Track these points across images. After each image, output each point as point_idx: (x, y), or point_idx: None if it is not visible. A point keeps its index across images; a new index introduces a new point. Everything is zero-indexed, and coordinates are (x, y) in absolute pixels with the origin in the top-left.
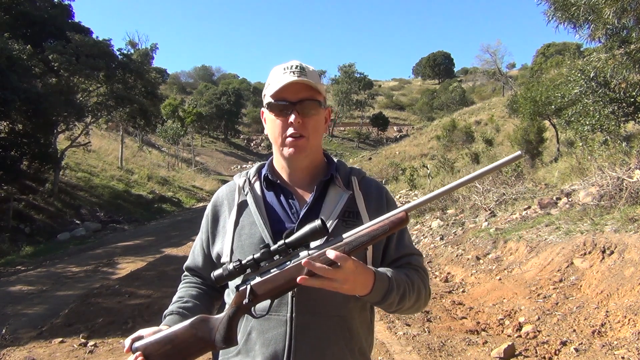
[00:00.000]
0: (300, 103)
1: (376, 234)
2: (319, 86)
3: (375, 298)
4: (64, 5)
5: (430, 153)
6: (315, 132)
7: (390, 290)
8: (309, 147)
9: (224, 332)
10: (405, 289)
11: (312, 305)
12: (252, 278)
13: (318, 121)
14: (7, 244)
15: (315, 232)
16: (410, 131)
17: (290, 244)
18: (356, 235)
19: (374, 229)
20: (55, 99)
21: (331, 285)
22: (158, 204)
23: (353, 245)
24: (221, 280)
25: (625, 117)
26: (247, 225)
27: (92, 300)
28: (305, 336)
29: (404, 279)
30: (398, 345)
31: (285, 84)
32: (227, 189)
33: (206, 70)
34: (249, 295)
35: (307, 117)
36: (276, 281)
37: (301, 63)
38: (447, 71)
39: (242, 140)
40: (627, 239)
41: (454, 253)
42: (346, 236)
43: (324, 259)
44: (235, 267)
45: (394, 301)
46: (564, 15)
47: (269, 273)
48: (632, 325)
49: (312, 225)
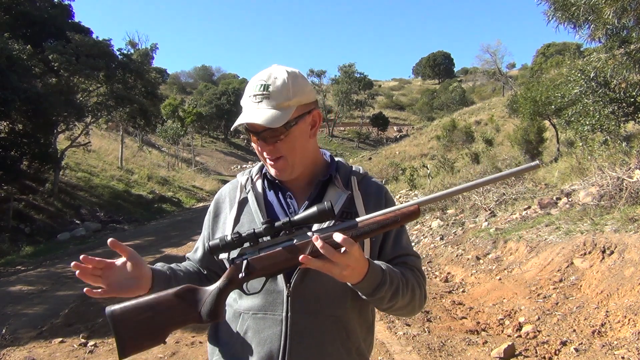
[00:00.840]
0: (263, 132)
1: (386, 223)
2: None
3: (366, 289)
4: (64, 5)
5: (430, 153)
6: (291, 152)
7: (382, 282)
8: (289, 165)
9: (212, 304)
10: (398, 285)
11: (307, 305)
12: (250, 252)
13: (291, 140)
14: (7, 244)
15: (323, 214)
16: (410, 131)
17: (294, 222)
18: (368, 222)
19: (385, 217)
20: (55, 99)
21: (331, 269)
22: (158, 204)
23: (361, 231)
24: (216, 251)
25: (625, 117)
26: (246, 222)
27: (92, 300)
28: (301, 336)
29: (399, 276)
30: (398, 345)
31: (241, 123)
32: (230, 186)
33: (206, 70)
34: (244, 269)
35: (277, 142)
36: (275, 258)
37: (267, 78)
38: (447, 71)
39: (242, 140)
40: (627, 239)
41: (454, 253)
42: (359, 220)
43: (330, 241)
44: (233, 238)
45: (386, 296)
46: (564, 15)
47: (268, 249)
48: (632, 325)
49: (321, 206)
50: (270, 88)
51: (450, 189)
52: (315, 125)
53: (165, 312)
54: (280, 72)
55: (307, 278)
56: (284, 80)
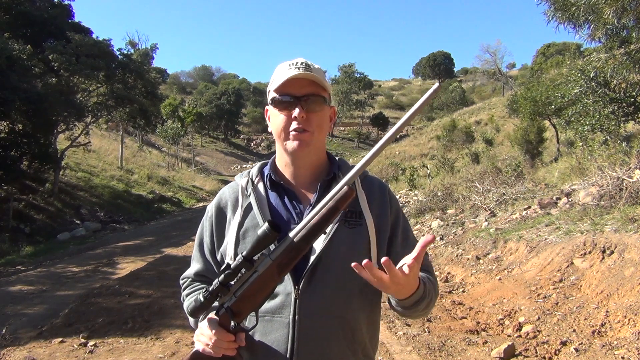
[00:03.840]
0: (304, 98)
1: (324, 220)
2: (324, 83)
3: (406, 303)
4: (64, 5)
5: (430, 153)
6: (319, 128)
7: (422, 298)
8: (312, 141)
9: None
10: (431, 297)
11: (314, 307)
12: (228, 300)
13: (322, 117)
14: (7, 244)
15: (266, 236)
16: (410, 131)
17: (247, 256)
18: (304, 231)
19: (319, 218)
20: (55, 99)
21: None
22: (158, 204)
23: (304, 241)
24: (197, 312)
25: (625, 117)
26: (251, 227)
27: (92, 300)
28: (308, 338)
29: (431, 288)
30: (398, 345)
31: (290, 77)
32: (229, 190)
33: (206, 70)
34: (231, 317)
35: (312, 112)
36: (251, 294)
37: (306, 60)
38: (447, 71)
39: (242, 140)
40: (627, 239)
41: (454, 253)
42: (292, 235)
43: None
44: (205, 297)
45: (419, 308)
46: (564, 15)
47: (240, 290)
48: (632, 325)
49: (261, 231)
50: (311, 66)
51: (371, 150)
52: (331, 120)
53: None
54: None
55: (315, 280)
56: (319, 67)
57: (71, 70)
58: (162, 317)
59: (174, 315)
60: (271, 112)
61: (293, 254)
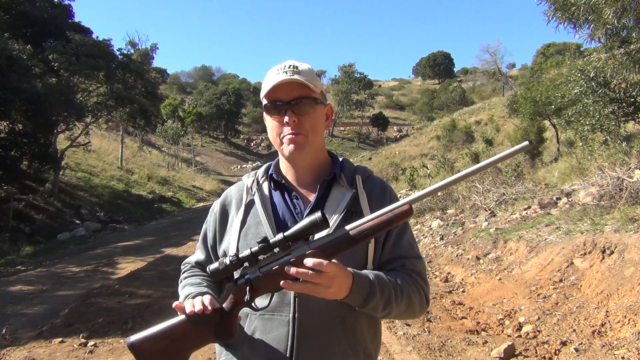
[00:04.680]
0: (294, 102)
1: (379, 226)
2: (315, 83)
3: (356, 301)
4: (64, 5)
5: (430, 153)
6: (313, 130)
7: (371, 293)
8: (308, 143)
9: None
10: (391, 293)
11: (314, 306)
12: (250, 272)
13: (315, 118)
14: (7, 244)
15: (315, 225)
16: (410, 131)
17: (289, 237)
18: (360, 228)
19: (378, 222)
20: (55, 99)
21: (315, 289)
22: (158, 204)
23: (355, 238)
24: (217, 275)
25: (625, 117)
26: (253, 225)
27: (92, 300)
28: (308, 336)
29: (390, 284)
30: (398, 345)
31: (276, 83)
32: (235, 188)
33: (206, 70)
34: (248, 290)
35: (303, 115)
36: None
37: (295, 62)
38: (447, 71)
39: (242, 140)
40: (627, 239)
41: (454, 253)
42: (349, 228)
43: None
44: (232, 261)
45: (378, 305)
46: (564, 15)
47: (268, 267)
48: (632, 325)
49: (312, 218)
50: (299, 68)
51: (440, 183)
52: (328, 119)
53: (181, 338)
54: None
55: None
56: (309, 67)
57: (71, 70)
58: (162, 317)
59: (174, 316)
60: (265, 117)
61: (343, 245)
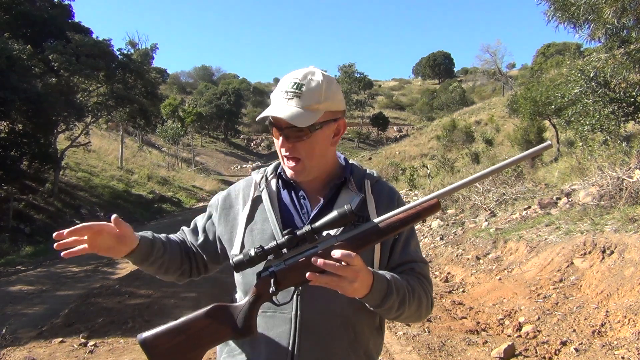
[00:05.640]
0: (287, 129)
1: (407, 219)
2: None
3: (374, 300)
4: (64, 5)
5: (430, 153)
6: (309, 155)
7: (389, 293)
8: (306, 169)
9: (244, 320)
10: (405, 294)
11: (316, 304)
12: (275, 265)
13: (312, 144)
14: (7, 244)
15: (344, 218)
16: (410, 131)
17: (316, 229)
18: (389, 221)
19: (406, 215)
20: (55, 99)
21: (339, 283)
22: (158, 204)
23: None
24: (241, 267)
25: (625, 117)
26: (259, 221)
27: (92, 300)
28: (310, 334)
29: (404, 284)
30: (398, 345)
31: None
32: (244, 183)
33: (206, 70)
34: (273, 283)
35: (297, 141)
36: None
37: (307, 75)
38: (447, 71)
39: (242, 140)
40: (627, 239)
41: (454, 253)
42: (378, 221)
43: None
44: (257, 252)
45: (393, 306)
46: (564, 15)
47: (294, 259)
48: (632, 325)
49: (341, 211)
50: (303, 88)
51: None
52: (339, 134)
53: (197, 333)
54: (316, 75)
55: None
56: (319, 83)
57: (71, 70)
58: (162, 317)
59: (174, 315)
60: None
61: (372, 237)
